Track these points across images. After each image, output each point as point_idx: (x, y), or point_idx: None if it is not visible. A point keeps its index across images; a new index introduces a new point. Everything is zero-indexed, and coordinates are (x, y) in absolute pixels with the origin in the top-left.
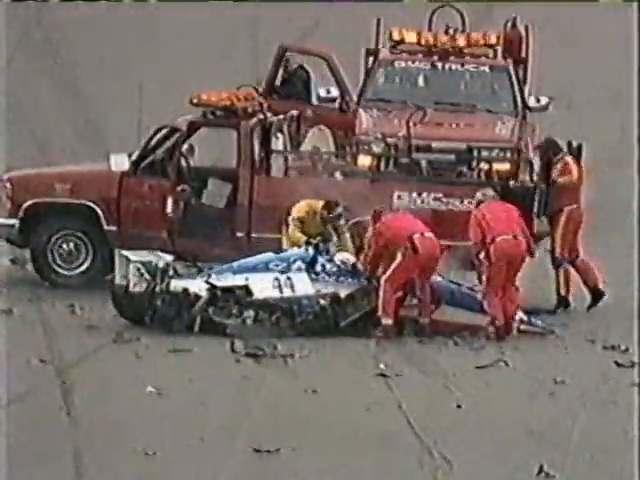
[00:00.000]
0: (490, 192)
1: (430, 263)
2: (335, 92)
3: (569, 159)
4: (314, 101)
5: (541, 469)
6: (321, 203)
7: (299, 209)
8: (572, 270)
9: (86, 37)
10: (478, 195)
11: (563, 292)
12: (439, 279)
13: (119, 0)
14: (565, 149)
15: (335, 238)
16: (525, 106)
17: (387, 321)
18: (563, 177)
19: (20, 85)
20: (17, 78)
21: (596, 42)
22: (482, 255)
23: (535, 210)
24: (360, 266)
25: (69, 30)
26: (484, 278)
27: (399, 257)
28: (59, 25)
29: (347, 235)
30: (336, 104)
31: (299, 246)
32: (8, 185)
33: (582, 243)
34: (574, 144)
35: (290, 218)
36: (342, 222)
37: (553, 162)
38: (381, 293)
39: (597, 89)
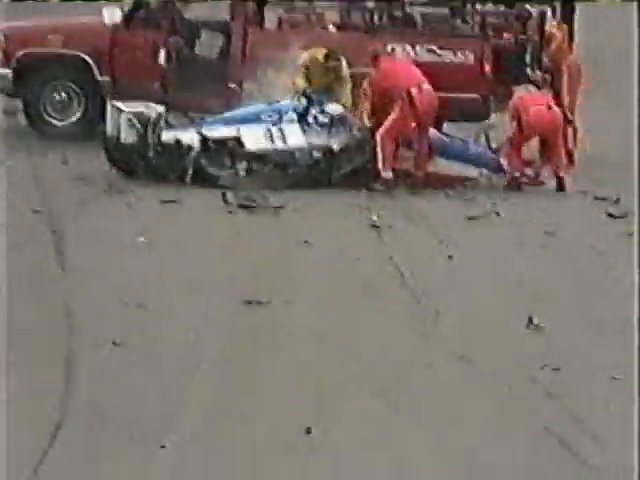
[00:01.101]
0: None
1: (427, 116)
2: None
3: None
4: None
5: (530, 320)
6: (323, 51)
7: (304, 57)
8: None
9: None
10: None
11: (571, 146)
12: (432, 131)
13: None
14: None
15: (338, 88)
16: None
17: (387, 174)
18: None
19: None
20: None
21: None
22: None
23: (528, 62)
24: (351, 117)
25: None
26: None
27: (396, 110)
28: None
29: (349, 86)
30: None
31: (304, 92)
32: (1, 36)
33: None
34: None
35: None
36: (345, 73)
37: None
38: (379, 147)
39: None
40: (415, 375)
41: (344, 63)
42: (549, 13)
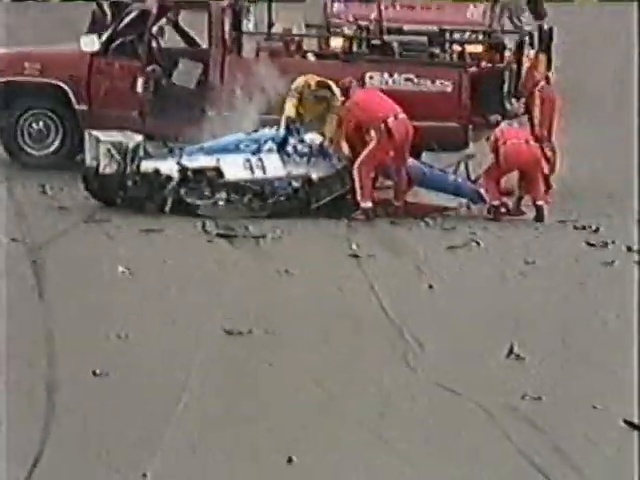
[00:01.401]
0: None
1: (404, 145)
2: None
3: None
4: None
5: (511, 350)
6: (316, 79)
7: (297, 82)
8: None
9: None
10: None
11: (546, 171)
12: (411, 160)
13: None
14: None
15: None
16: None
17: (366, 204)
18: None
19: None
20: None
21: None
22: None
23: (506, 91)
24: (329, 147)
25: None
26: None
27: (374, 141)
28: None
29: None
30: None
31: (293, 121)
32: None
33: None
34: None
35: (289, 91)
36: (337, 103)
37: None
38: (357, 177)
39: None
40: (399, 405)
41: (337, 94)
42: (528, 40)
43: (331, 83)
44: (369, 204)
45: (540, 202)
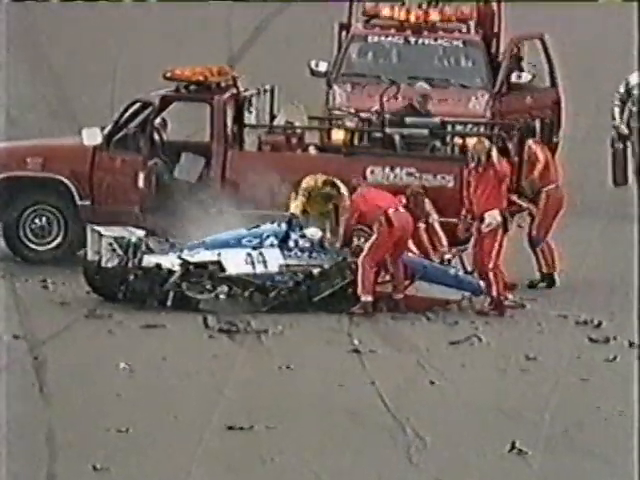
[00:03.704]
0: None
1: (404, 238)
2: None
3: (532, 143)
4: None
5: (513, 446)
6: (323, 178)
7: (306, 182)
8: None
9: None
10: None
11: (545, 270)
12: (411, 254)
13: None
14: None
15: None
16: (507, 82)
17: (367, 298)
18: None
19: None
20: None
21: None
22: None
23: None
24: (327, 242)
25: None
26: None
27: (375, 234)
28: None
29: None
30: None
31: (296, 217)
32: None
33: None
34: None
35: (299, 188)
36: (346, 203)
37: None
38: (360, 271)
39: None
40: None
41: (345, 193)
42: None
43: (338, 182)
44: (369, 298)
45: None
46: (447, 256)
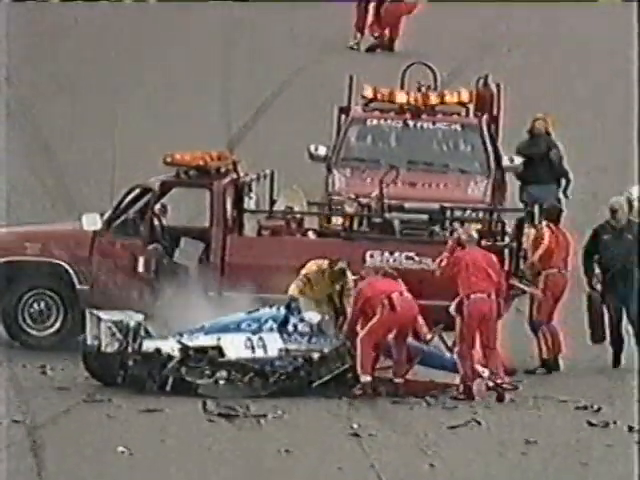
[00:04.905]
0: (474, 234)
1: (408, 323)
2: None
3: (544, 227)
4: None
5: None
6: (327, 262)
7: (308, 267)
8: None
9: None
10: (461, 234)
11: (546, 355)
12: (409, 340)
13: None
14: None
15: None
16: (499, 165)
17: (366, 378)
18: (535, 246)
19: None
20: None
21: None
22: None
23: (506, 269)
24: (324, 325)
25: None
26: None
27: (377, 315)
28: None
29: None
30: None
31: (295, 300)
32: None
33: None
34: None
35: (300, 275)
36: (350, 284)
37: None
38: (358, 351)
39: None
40: None
41: (350, 276)
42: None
43: (343, 264)
44: (368, 378)
45: (500, 382)
46: (428, 336)
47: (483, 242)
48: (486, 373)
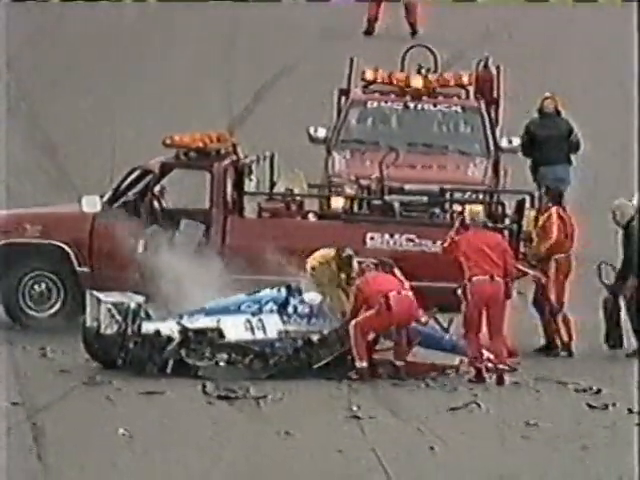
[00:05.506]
0: (481, 215)
1: (404, 321)
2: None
3: (554, 213)
4: None
5: None
6: (334, 251)
7: (314, 257)
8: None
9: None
10: (466, 215)
11: (566, 339)
12: None
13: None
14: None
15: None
16: (497, 147)
17: (361, 364)
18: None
19: None
20: None
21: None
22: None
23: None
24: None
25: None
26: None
27: (373, 310)
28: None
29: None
30: None
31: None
32: None
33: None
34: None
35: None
36: (355, 273)
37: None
38: (352, 338)
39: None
40: None
41: (355, 265)
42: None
43: (351, 253)
44: (364, 364)
45: (501, 365)
46: (423, 319)
47: (482, 224)
48: (489, 356)
